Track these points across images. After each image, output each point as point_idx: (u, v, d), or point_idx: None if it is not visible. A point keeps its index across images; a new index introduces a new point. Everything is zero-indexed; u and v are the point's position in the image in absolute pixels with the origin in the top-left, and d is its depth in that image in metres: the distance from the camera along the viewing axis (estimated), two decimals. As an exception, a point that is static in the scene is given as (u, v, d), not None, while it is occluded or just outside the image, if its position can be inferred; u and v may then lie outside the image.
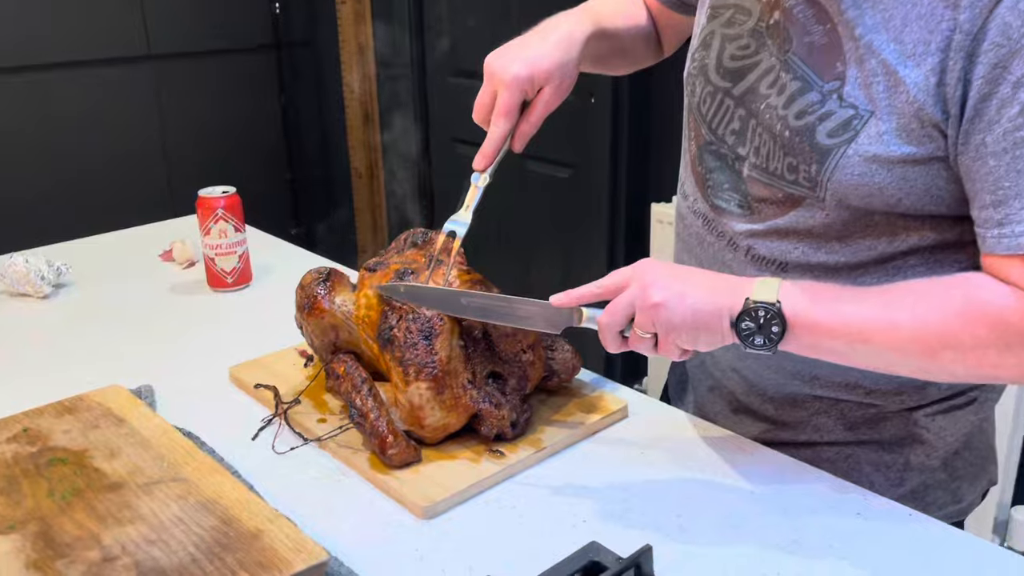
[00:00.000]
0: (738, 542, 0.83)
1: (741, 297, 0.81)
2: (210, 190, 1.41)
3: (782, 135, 0.87)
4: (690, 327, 0.82)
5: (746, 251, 0.94)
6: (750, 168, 0.92)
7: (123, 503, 0.84)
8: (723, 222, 0.96)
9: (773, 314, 0.80)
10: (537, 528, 0.85)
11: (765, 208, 0.92)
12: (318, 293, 1.03)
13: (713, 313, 0.82)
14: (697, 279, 0.84)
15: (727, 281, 0.84)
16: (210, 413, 1.07)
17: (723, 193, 0.96)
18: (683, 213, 1.04)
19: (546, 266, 2.79)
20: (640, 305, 0.83)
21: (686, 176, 1.04)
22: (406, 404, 0.93)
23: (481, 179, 0.97)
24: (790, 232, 0.90)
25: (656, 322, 0.82)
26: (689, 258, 1.03)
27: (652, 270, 0.84)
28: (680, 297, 0.82)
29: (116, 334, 1.30)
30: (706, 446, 0.98)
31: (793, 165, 0.86)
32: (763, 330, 0.80)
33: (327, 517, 0.87)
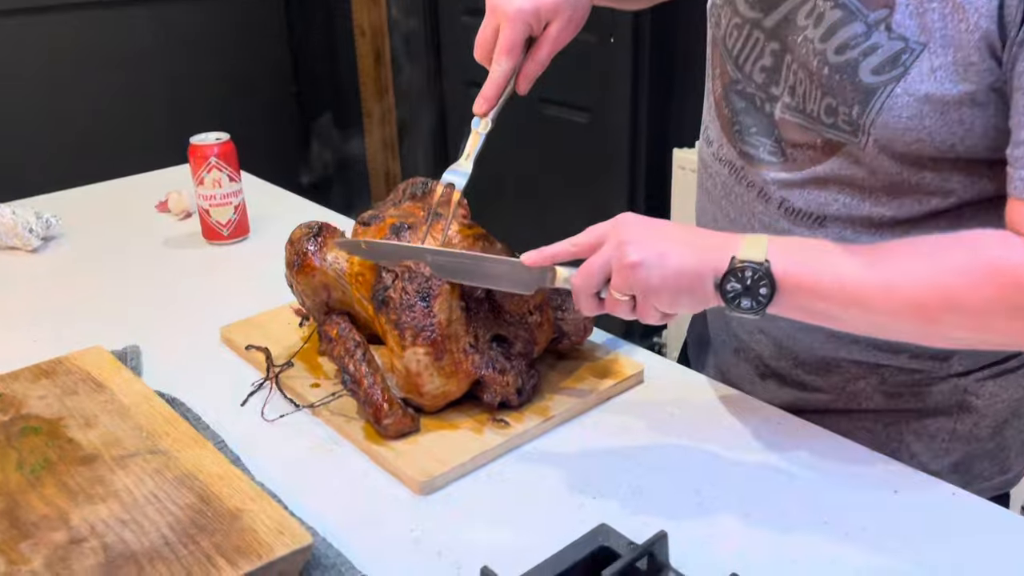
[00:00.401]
0: (762, 523, 0.75)
1: (727, 256, 0.73)
2: (202, 137, 1.33)
3: (820, 72, 0.77)
4: (671, 289, 0.74)
5: (779, 203, 0.85)
6: (783, 109, 0.83)
7: (96, 478, 0.78)
8: (753, 171, 0.87)
9: (761, 274, 0.71)
10: (542, 506, 0.79)
11: (801, 154, 0.83)
12: (308, 249, 0.95)
13: (696, 274, 0.74)
14: (678, 236, 0.76)
15: (711, 238, 0.76)
16: (198, 376, 1.01)
17: (752, 138, 0.87)
18: (707, 161, 0.95)
19: (562, 217, 2.70)
20: (616, 265, 0.75)
21: (710, 120, 0.94)
22: (403, 370, 0.86)
23: (482, 124, 0.88)
24: (829, 181, 0.81)
25: (633, 284, 0.74)
26: (715, 210, 0.94)
27: (630, 227, 0.76)
28: (660, 256, 0.74)
29: (105, 290, 1.23)
30: (729, 415, 0.91)
31: (832, 107, 0.77)
32: (750, 292, 0.72)
33: (317, 492, 0.81)
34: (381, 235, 0.92)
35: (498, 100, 0.88)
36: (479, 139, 0.88)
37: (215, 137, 1.33)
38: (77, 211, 1.49)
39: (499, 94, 0.88)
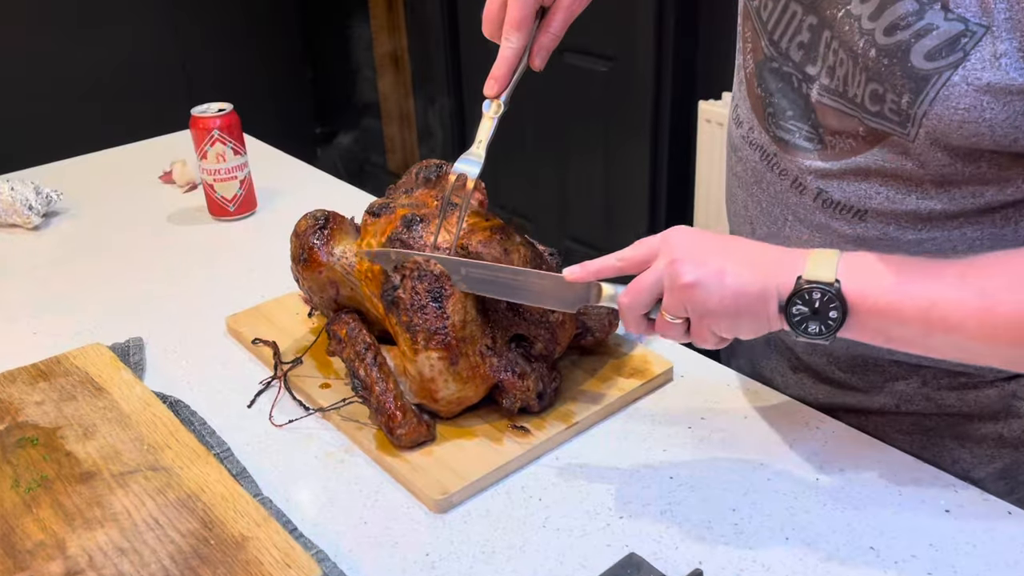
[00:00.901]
0: (803, 549, 0.70)
1: (791, 275, 0.66)
2: (204, 108, 1.26)
3: (865, 54, 0.69)
4: (730, 312, 0.67)
5: (816, 194, 0.78)
6: (821, 92, 0.75)
7: (94, 498, 0.74)
8: (787, 158, 0.80)
9: (831, 296, 0.64)
10: (566, 526, 0.74)
11: (840, 142, 0.75)
12: (314, 243, 0.89)
13: (758, 295, 0.67)
14: (737, 251, 0.69)
15: (774, 254, 0.69)
16: (204, 372, 0.96)
17: (787, 122, 0.79)
18: (736, 143, 0.87)
19: (583, 170, 2.61)
20: (670, 285, 0.68)
21: (740, 98, 0.86)
22: (416, 375, 0.81)
23: (493, 107, 0.81)
24: (872, 173, 0.74)
25: (689, 305, 0.68)
26: (745, 196, 0.87)
27: (684, 241, 0.69)
28: (718, 276, 0.67)
29: (108, 274, 1.18)
30: (763, 420, 0.85)
31: (878, 93, 0.69)
32: (819, 315, 0.65)
33: (327, 508, 0.77)
34: (392, 227, 0.85)
35: (510, 80, 0.80)
36: (492, 124, 0.81)
37: (217, 108, 1.26)
38: (78, 184, 1.44)
39: (511, 73, 0.80)
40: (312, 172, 1.50)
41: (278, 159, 1.55)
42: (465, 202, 0.81)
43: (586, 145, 2.58)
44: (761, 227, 0.85)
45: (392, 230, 0.85)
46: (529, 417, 0.84)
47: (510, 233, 0.84)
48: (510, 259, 0.83)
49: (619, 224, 2.55)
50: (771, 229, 0.83)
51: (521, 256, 0.83)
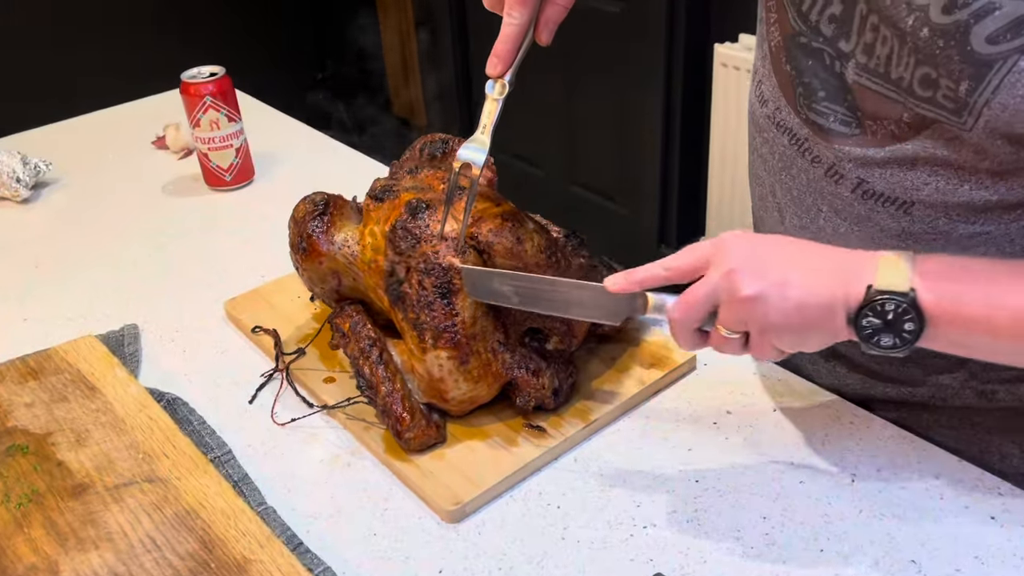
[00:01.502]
0: (839, 563, 0.66)
1: (860, 283, 0.60)
2: (194, 73, 1.19)
3: (915, 34, 0.61)
4: (795, 326, 0.61)
5: (855, 184, 0.71)
6: (858, 71, 0.67)
7: (88, 515, 0.70)
8: (821, 143, 0.73)
9: (906, 307, 0.58)
10: (586, 537, 0.70)
11: (882, 128, 0.68)
12: (313, 231, 0.83)
13: (825, 308, 0.61)
14: (798, 257, 0.63)
15: (840, 259, 0.63)
16: (202, 362, 0.91)
17: (819, 104, 0.72)
18: (760, 123, 0.80)
19: (593, 116, 2.52)
20: (727, 298, 0.62)
21: (764, 73, 0.78)
22: (424, 375, 0.76)
23: (497, 88, 0.74)
24: (919, 161, 0.67)
25: (749, 320, 0.62)
26: (772, 181, 0.81)
27: (739, 249, 0.63)
28: (780, 287, 0.61)
29: (100, 254, 1.13)
30: (794, 414, 0.80)
31: (930, 78, 0.62)
32: (892, 327, 0.59)
33: (334, 520, 0.73)
34: (396, 214, 0.80)
35: (515, 58, 0.73)
36: (496, 106, 0.74)
37: (209, 72, 1.19)
38: (68, 151, 1.37)
39: (515, 50, 0.73)
40: (311, 135, 1.43)
41: (275, 121, 1.48)
42: (472, 193, 0.75)
43: (596, 90, 2.49)
44: (791, 216, 0.78)
45: (396, 217, 0.79)
46: (545, 415, 0.79)
47: (522, 220, 0.78)
48: (523, 248, 0.77)
49: (630, 172, 2.48)
50: (802, 220, 0.77)
51: (535, 245, 0.77)
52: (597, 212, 2.66)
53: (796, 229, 0.78)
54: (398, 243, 0.78)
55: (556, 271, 0.79)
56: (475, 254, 0.76)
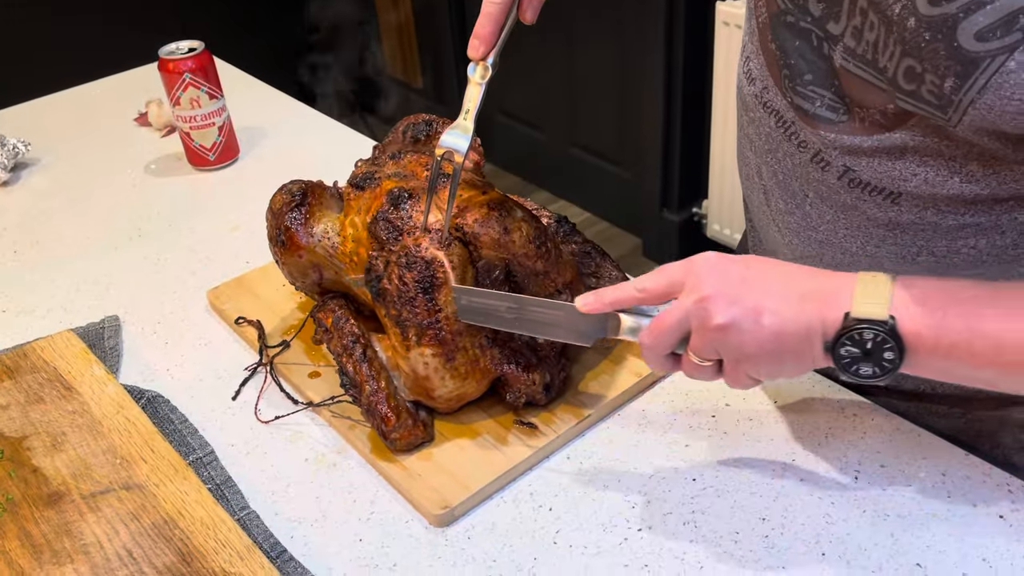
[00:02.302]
0: (841, 568, 0.63)
1: (838, 310, 0.57)
2: (172, 48, 1.14)
3: (902, 23, 0.57)
4: (770, 355, 0.59)
5: (841, 172, 0.67)
6: (845, 55, 0.63)
7: (63, 526, 0.68)
8: (807, 128, 0.69)
9: (884, 336, 0.56)
10: (579, 541, 0.67)
11: (869, 117, 0.64)
12: (292, 223, 0.80)
13: (801, 336, 0.58)
14: (773, 283, 0.60)
15: (816, 282, 0.60)
16: (184, 355, 0.89)
17: (805, 88, 0.67)
18: (748, 102, 0.75)
19: (594, 78, 2.46)
20: (699, 325, 0.60)
21: (753, 52, 0.74)
22: (409, 373, 0.73)
23: (479, 71, 0.70)
24: (908, 151, 0.63)
25: (721, 349, 0.60)
26: (759, 163, 0.76)
27: (712, 273, 0.60)
28: (754, 315, 0.58)
29: (82, 236, 1.10)
30: (794, 406, 0.77)
31: (915, 71, 0.57)
32: (872, 356, 0.57)
33: (319, 525, 0.70)
34: (377, 204, 0.76)
35: (498, 38, 0.69)
36: (479, 90, 0.70)
37: (188, 48, 1.14)
38: (47, 130, 1.33)
39: (498, 31, 0.69)
40: (298, 108, 1.38)
41: (259, 93, 1.43)
42: (454, 181, 0.71)
43: (597, 50, 2.43)
44: (776, 200, 0.75)
45: (378, 208, 0.75)
46: (536, 410, 0.77)
47: (510, 208, 0.75)
48: (510, 238, 0.73)
49: (632, 134, 2.42)
50: (788, 205, 0.73)
51: (523, 235, 0.74)
52: (599, 175, 2.61)
53: (782, 214, 0.74)
54: (380, 235, 0.74)
55: (546, 261, 0.75)
56: (460, 246, 0.72)
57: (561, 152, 2.70)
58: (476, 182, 0.77)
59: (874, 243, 0.69)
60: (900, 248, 0.68)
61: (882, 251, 0.69)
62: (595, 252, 0.84)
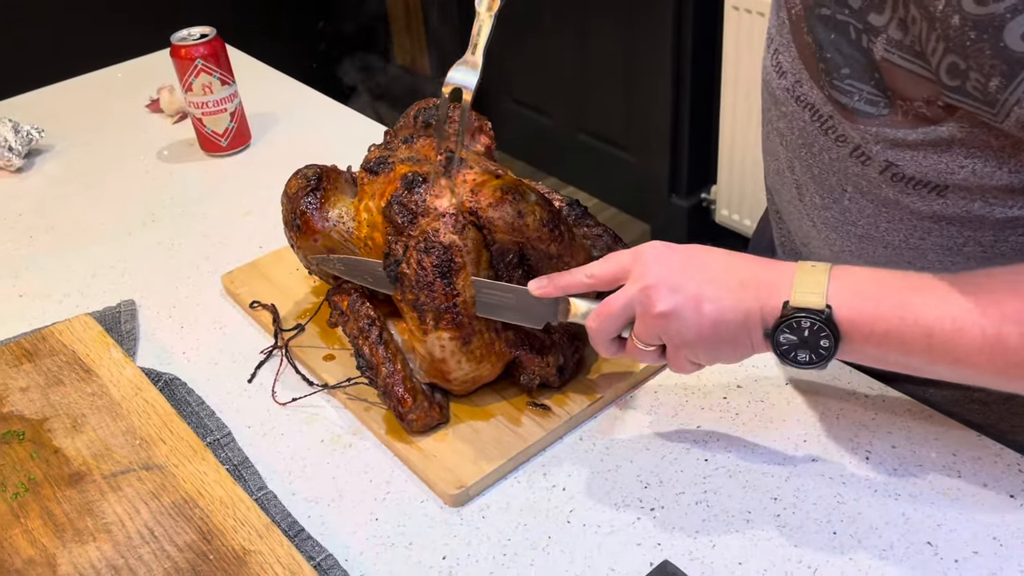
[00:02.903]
0: (852, 546, 0.64)
1: (777, 299, 0.60)
2: (184, 34, 1.15)
3: (946, 20, 0.56)
4: (709, 342, 0.61)
5: (883, 167, 0.66)
6: (889, 47, 0.62)
7: (85, 505, 0.69)
8: (846, 123, 0.68)
9: (820, 324, 0.58)
10: (593, 520, 0.68)
11: (913, 109, 0.63)
12: (307, 207, 0.80)
13: (740, 324, 0.61)
14: (715, 272, 0.62)
15: (756, 272, 0.62)
16: (200, 339, 0.90)
17: (842, 82, 0.67)
18: (778, 95, 0.75)
19: (602, 63, 2.46)
20: (641, 311, 0.62)
21: (782, 42, 0.73)
22: (426, 355, 0.74)
23: (486, 2, 0.69)
24: (955, 143, 0.62)
25: (664, 335, 0.62)
26: (790, 157, 0.76)
27: (657, 262, 0.62)
28: (694, 303, 0.60)
29: (97, 222, 1.11)
30: (805, 386, 0.78)
31: (959, 68, 0.57)
32: (808, 343, 0.59)
33: (336, 504, 0.71)
34: (391, 188, 0.77)
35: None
36: (489, 22, 0.70)
37: (199, 34, 1.15)
38: (60, 117, 1.34)
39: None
40: (308, 94, 1.39)
41: (270, 79, 1.43)
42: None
43: (605, 34, 2.42)
44: (812, 195, 0.74)
45: (392, 192, 0.76)
46: (549, 392, 0.77)
47: (523, 192, 0.75)
48: (524, 222, 0.74)
49: (640, 120, 2.42)
50: (824, 200, 0.73)
51: (537, 218, 0.74)
52: (607, 161, 2.61)
53: (818, 209, 0.74)
54: (395, 219, 0.75)
55: (560, 244, 0.76)
56: (474, 230, 0.73)
57: (569, 138, 2.69)
58: (489, 166, 0.78)
59: (918, 235, 0.68)
60: (946, 239, 0.67)
61: (926, 243, 0.68)
62: (607, 236, 0.84)
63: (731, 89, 2.08)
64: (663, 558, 0.64)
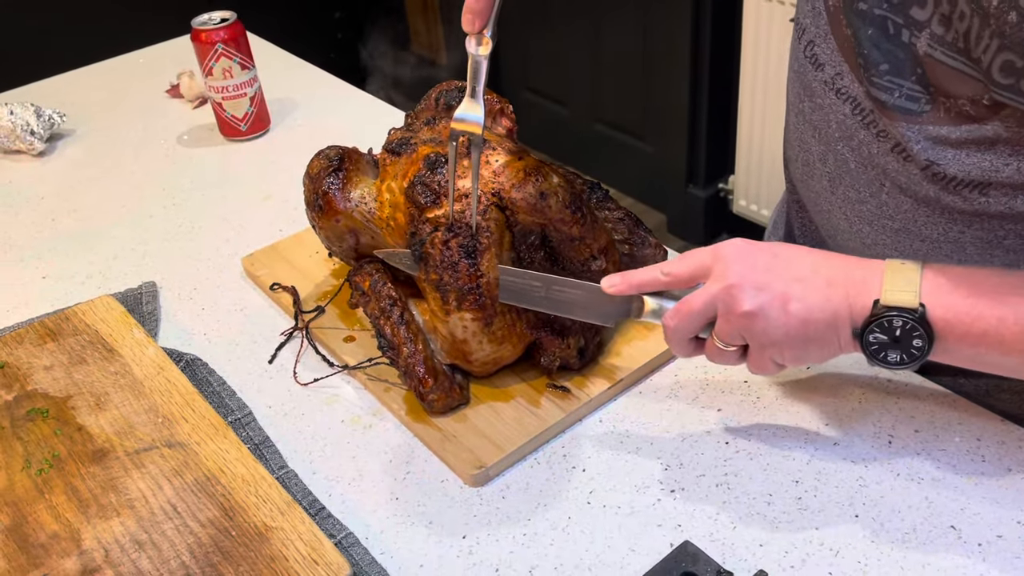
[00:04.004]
0: (874, 529, 0.64)
1: (867, 297, 0.58)
2: (205, 19, 1.15)
3: (1001, 16, 0.55)
4: (796, 341, 0.60)
5: (924, 166, 0.65)
6: (932, 43, 0.61)
7: (109, 481, 0.69)
8: (886, 119, 0.67)
9: (914, 323, 0.57)
10: (613, 502, 0.68)
11: (956, 107, 0.62)
12: (329, 188, 0.81)
13: (828, 323, 0.59)
14: (800, 268, 0.61)
15: (844, 269, 0.60)
16: (221, 320, 0.90)
17: (881, 78, 0.65)
18: (814, 88, 0.73)
19: (619, 52, 2.45)
20: (725, 311, 0.61)
21: (818, 33, 0.71)
22: (447, 336, 0.74)
23: (473, 44, 0.67)
24: (1000, 142, 0.61)
25: (747, 335, 0.61)
26: (823, 150, 0.74)
27: (739, 260, 0.61)
28: (782, 301, 0.59)
29: (118, 205, 1.11)
30: (828, 369, 0.77)
31: (1014, 66, 0.56)
32: (900, 343, 0.58)
33: (356, 483, 0.72)
34: (414, 169, 0.77)
35: (492, 9, 0.66)
36: (482, 65, 0.69)
37: (220, 18, 1.15)
38: (81, 102, 1.35)
39: (491, 1, 0.66)
40: (327, 80, 1.39)
41: (289, 65, 1.44)
42: (475, 164, 0.71)
43: (622, 23, 2.41)
44: (846, 188, 0.73)
45: (415, 172, 0.76)
46: (569, 375, 0.77)
47: (546, 173, 0.75)
48: (547, 203, 0.74)
49: (657, 109, 2.41)
50: (860, 194, 0.72)
51: (559, 200, 0.74)
52: (624, 150, 2.60)
53: (852, 202, 0.73)
54: (417, 199, 0.75)
55: (582, 227, 0.76)
56: (497, 211, 0.73)
57: (586, 128, 2.69)
58: (512, 148, 0.77)
59: (957, 229, 0.68)
60: (986, 233, 0.67)
61: (966, 236, 0.68)
62: (629, 219, 0.84)
63: (750, 78, 2.07)
64: (683, 539, 0.64)
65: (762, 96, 2.05)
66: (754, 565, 0.62)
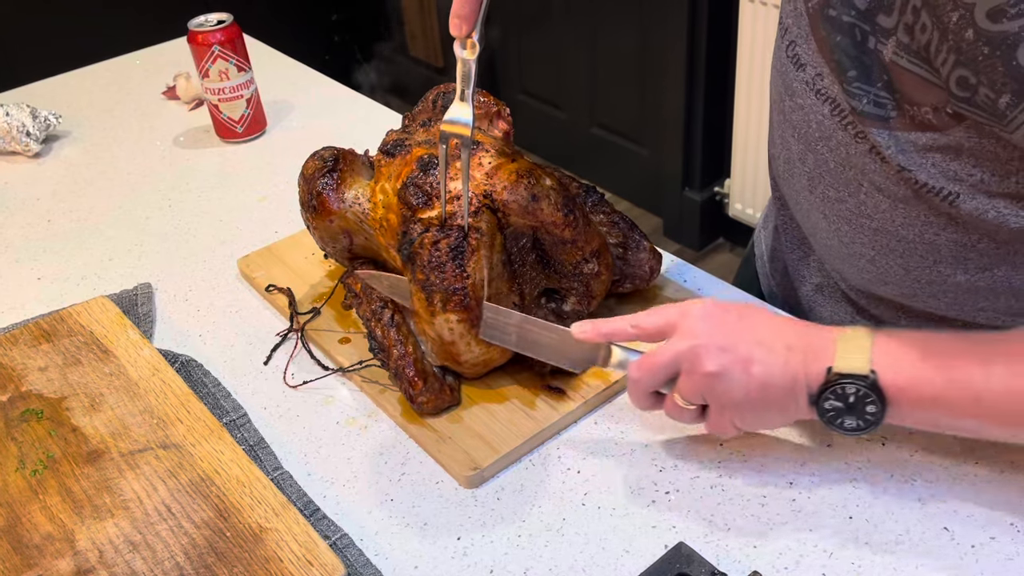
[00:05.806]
0: (868, 531, 0.64)
1: (821, 364, 0.59)
2: (201, 20, 1.15)
3: (959, 33, 0.55)
4: (755, 405, 0.61)
5: (898, 168, 0.66)
6: (898, 50, 0.61)
7: (103, 482, 0.69)
8: (861, 123, 0.67)
9: (866, 390, 0.57)
10: (607, 503, 0.68)
11: (920, 114, 0.63)
12: (323, 188, 0.81)
13: (786, 389, 0.60)
14: (763, 333, 0.62)
15: (803, 336, 0.61)
16: (216, 322, 0.90)
17: (850, 85, 0.66)
18: (795, 88, 0.73)
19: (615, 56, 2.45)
20: (689, 369, 0.62)
21: (800, 35, 0.71)
22: (435, 338, 0.74)
23: (461, 47, 0.67)
24: (964, 151, 0.62)
25: (709, 396, 0.62)
26: (803, 150, 0.75)
27: (707, 321, 0.62)
28: (744, 364, 0.60)
29: (113, 206, 1.11)
30: (822, 373, 0.77)
31: (968, 82, 0.56)
32: (854, 410, 0.59)
33: (351, 484, 0.72)
34: (407, 170, 0.77)
35: (478, 13, 0.66)
36: (470, 68, 0.69)
37: (216, 20, 1.15)
38: (77, 104, 1.35)
39: (477, 6, 0.65)
40: (324, 82, 1.39)
41: (286, 68, 1.44)
42: (465, 167, 0.71)
43: (618, 27, 2.42)
44: (825, 187, 0.74)
45: (408, 173, 0.76)
46: (564, 376, 0.77)
47: (539, 176, 0.75)
48: (539, 206, 0.74)
49: (653, 113, 2.42)
50: (839, 193, 0.72)
51: (551, 203, 0.74)
52: (620, 154, 2.60)
53: (831, 201, 0.73)
54: (410, 200, 0.75)
55: (574, 230, 0.76)
56: (489, 213, 0.73)
57: (582, 131, 2.69)
58: (506, 151, 0.78)
59: (932, 231, 0.68)
60: (960, 236, 0.67)
61: (941, 239, 0.68)
62: (623, 223, 0.84)
63: (745, 82, 2.08)
64: (678, 540, 0.64)
65: (758, 100, 2.06)
66: (748, 566, 0.62)
